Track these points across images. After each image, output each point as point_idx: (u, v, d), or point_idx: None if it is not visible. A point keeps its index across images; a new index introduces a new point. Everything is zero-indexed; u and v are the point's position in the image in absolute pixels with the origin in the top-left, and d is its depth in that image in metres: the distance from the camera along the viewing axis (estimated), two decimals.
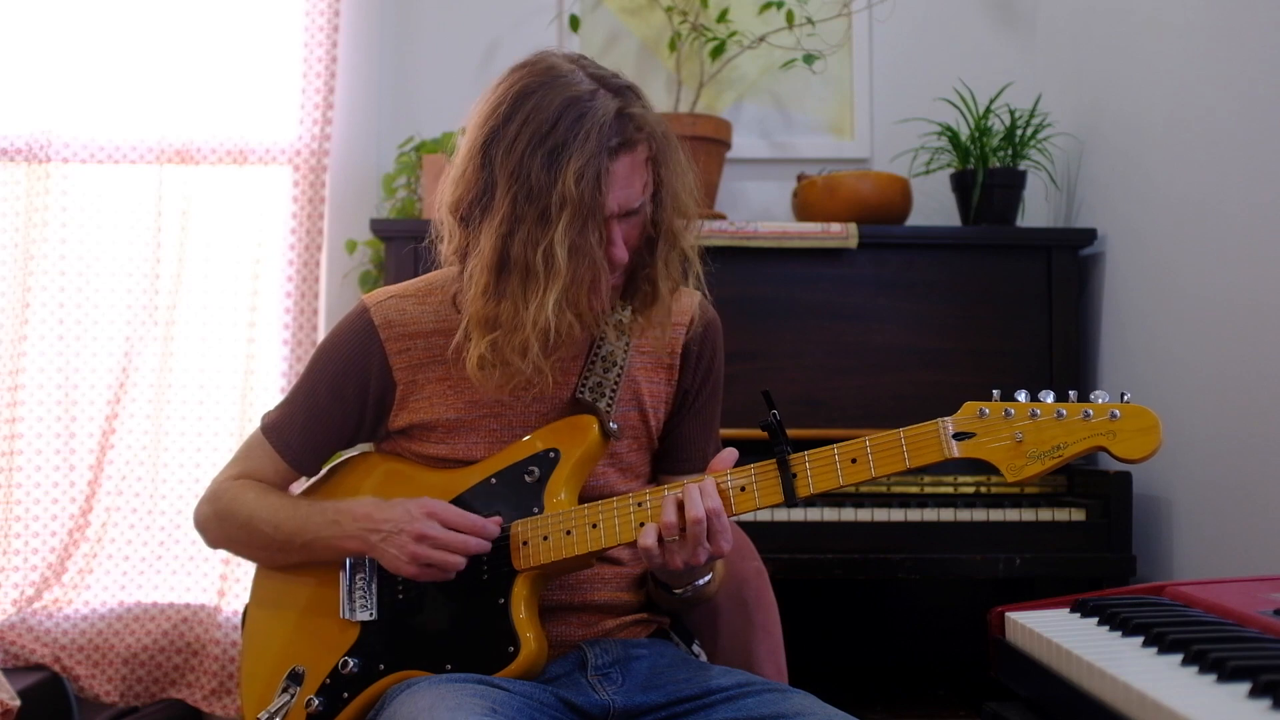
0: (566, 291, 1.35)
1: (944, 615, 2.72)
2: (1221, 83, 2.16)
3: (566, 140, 1.34)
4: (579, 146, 1.34)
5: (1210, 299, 2.17)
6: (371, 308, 1.53)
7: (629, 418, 1.54)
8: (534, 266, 1.35)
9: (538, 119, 1.36)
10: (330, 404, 1.54)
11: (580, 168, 1.33)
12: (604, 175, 1.35)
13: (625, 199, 1.39)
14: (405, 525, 1.41)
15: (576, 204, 1.34)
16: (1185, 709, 0.93)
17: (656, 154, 1.42)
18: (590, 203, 1.34)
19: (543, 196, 1.34)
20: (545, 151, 1.35)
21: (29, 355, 2.80)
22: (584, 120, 1.35)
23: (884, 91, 2.94)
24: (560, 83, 1.38)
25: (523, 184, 1.35)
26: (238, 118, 2.84)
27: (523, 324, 1.36)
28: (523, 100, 1.38)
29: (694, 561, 1.35)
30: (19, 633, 2.71)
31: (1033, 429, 1.29)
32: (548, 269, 1.35)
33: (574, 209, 1.34)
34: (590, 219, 1.35)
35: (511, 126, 1.37)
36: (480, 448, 1.50)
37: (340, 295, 2.81)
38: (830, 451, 1.36)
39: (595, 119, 1.35)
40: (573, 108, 1.36)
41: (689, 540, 1.34)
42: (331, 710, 1.47)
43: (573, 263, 1.35)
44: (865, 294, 2.55)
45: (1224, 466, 2.12)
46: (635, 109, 1.39)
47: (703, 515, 1.33)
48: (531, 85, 1.39)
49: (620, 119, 1.37)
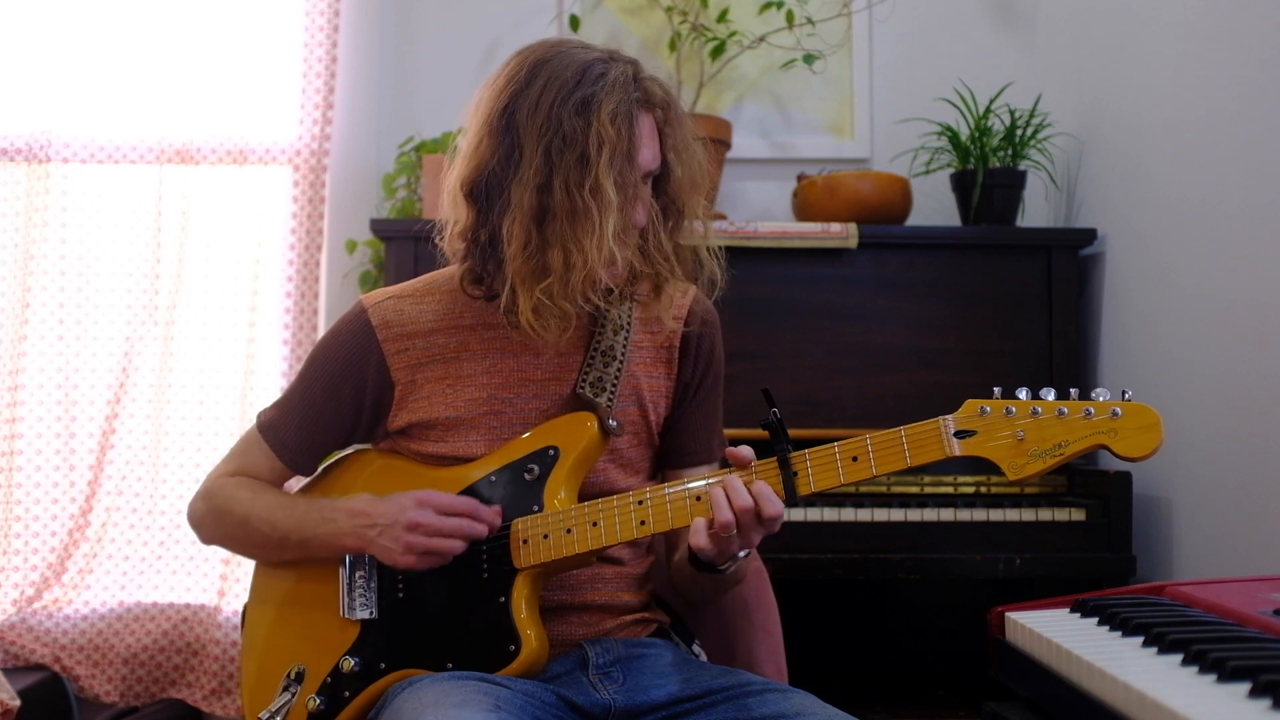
0: (621, 224, 1.37)
1: (944, 615, 2.72)
2: (1221, 83, 2.16)
3: (595, 91, 1.37)
4: (607, 95, 1.37)
5: (1210, 299, 2.18)
6: (369, 308, 1.53)
7: (629, 413, 1.54)
8: (582, 205, 1.36)
9: (562, 77, 1.38)
10: (327, 404, 1.54)
11: (613, 110, 1.37)
12: (636, 120, 1.38)
13: (645, 159, 1.41)
14: (398, 516, 1.42)
15: (614, 143, 1.36)
16: (1185, 709, 0.93)
17: (670, 120, 1.45)
18: (627, 143, 1.37)
19: (579, 142, 1.36)
20: (576, 102, 1.37)
21: (29, 355, 2.80)
22: (607, 75, 1.39)
23: (884, 91, 2.95)
24: (573, 51, 1.42)
25: (556, 133, 1.37)
26: (238, 118, 2.84)
27: (578, 264, 1.36)
28: (540, 66, 1.40)
29: (750, 544, 1.37)
30: (19, 633, 2.71)
31: (1034, 427, 1.29)
32: (599, 203, 1.36)
33: (612, 147, 1.36)
34: (627, 159, 1.38)
35: (534, 87, 1.39)
36: (480, 445, 1.50)
37: (340, 295, 2.81)
38: (831, 449, 1.36)
39: (617, 76, 1.39)
40: (594, 67, 1.39)
41: (742, 527, 1.34)
42: (333, 709, 1.47)
43: (621, 196, 1.37)
44: (865, 294, 2.55)
45: (1224, 466, 2.12)
46: (646, 77, 1.44)
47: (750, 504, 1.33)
48: (545, 54, 1.42)
49: (637, 81, 1.42)
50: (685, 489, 1.40)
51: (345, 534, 1.46)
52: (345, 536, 1.46)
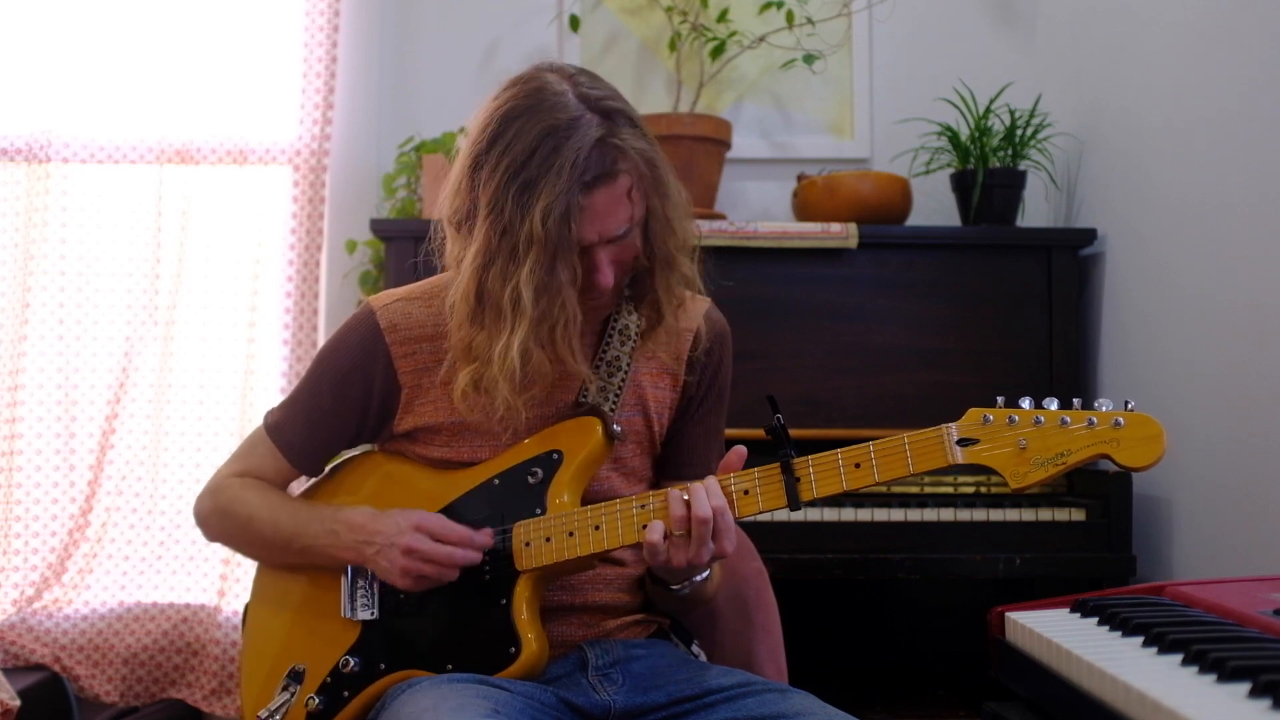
0: (534, 330, 1.36)
1: (944, 615, 2.72)
2: (1221, 83, 2.16)
3: (538, 176, 1.33)
4: (550, 183, 1.33)
5: (1210, 299, 2.18)
6: (378, 310, 1.52)
7: (633, 422, 1.54)
8: (503, 305, 1.36)
9: (515, 149, 1.35)
10: (333, 406, 1.54)
11: (548, 206, 1.33)
12: (574, 211, 1.34)
13: (606, 228, 1.38)
14: (395, 539, 1.42)
15: (543, 242, 1.34)
16: (1185, 709, 0.93)
17: (642, 182, 1.39)
18: (558, 240, 1.34)
19: (513, 233, 1.35)
20: (518, 186, 1.34)
21: (29, 355, 2.79)
22: (559, 153, 1.33)
23: (884, 91, 2.94)
24: (545, 107, 1.36)
25: (497, 217, 1.36)
26: (238, 118, 2.84)
27: (493, 359, 1.38)
28: (507, 124, 1.37)
29: (697, 560, 1.35)
30: (19, 633, 2.71)
31: (1036, 436, 1.29)
32: (515, 311, 1.36)
33: (540, 247, 1.34)
34: (560, 256, 1.35)
35: (493, 153, 1.37)
36: (485, 450, 1.50)
37: (340, 295, 2.81)
38: (834, 456, 1.36)
39: (570, 152, 1.34)
40: (550, 138, 1.34)
41: (694, 539, 1.34)
42: (332, 709, 1.47)
43: (540, 302, 1.35)
44: (865, 294, 2.55)
45: (1224, 466, 2.12)
46: (621, 137, 1.37)
47: (709, 515, 1.34)
48: (518, 109, 1.37)
49: (601, 148, 1.35)
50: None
51: (345, 547, 1.46)
52: (344, 550, 1.47)
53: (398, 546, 1.41)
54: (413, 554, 1.41)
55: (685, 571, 1.42)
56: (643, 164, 1.39)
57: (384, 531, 1.43)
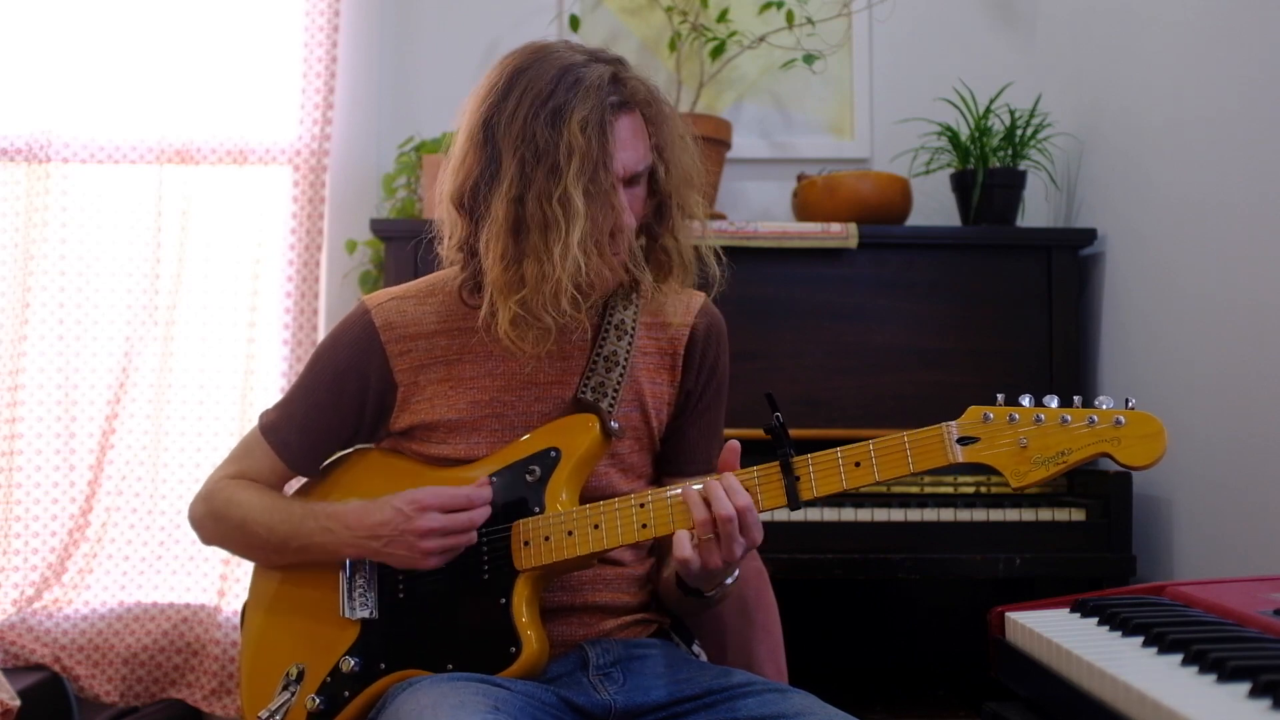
0: (589, 233, 1.37)
1: (944, 615, 2.72)
2: (1221, 83, 2.16)
3: (568, 100, 1.38)
4: (580, 102, 1.37)
5: (1210, 299, 2.18)
6: (373, 309, 1.53)
7: (631, 418, 1.54)
8: (552, 216, 1.36)
9: (536, 87, 1.39)
10: (329, 405, 1.54)
11: (584, 118, 1.37)
12: (608, 126, 1.38)
13: (629, 161, 1.41)
14: (404, 526, 1.41)
15: (584, 151, 1.36)
16: (1185, 709, 0.93)
17: (655, 118, 1.45)
18: (598, 150, 1.37)
19: (550, 153, 1.37)
20: (548, 112, 1.37)
21: (29, 355, 2.79)
22: (582, 81, 1.39)
23: (884, 91, 2.94)
24: (552, 56, 1.42)
25: (529, 146, 1.37)
26: (238, 118, 2.84)
27: (549, 274, 1.37)
28: (518, 75, 1.41)
29: (731, 558, 1.34)
30: (19, 633, 2.71)
31: (1037, 435, 1.29)
32: (566, 213, 1.36)
33: (582, 156, 1.36)
34: (600, 166, 1.37)
35: (510, 98, 1.40)
36: (482, 447, 1.50)
37: (340, 295, 2.81)
38: (834, 455, 1.36)
39: (592, 80, 1.39)
40: (569, 73, 1.39)
41: (723, 538, 1.33)
42: (332, 709, 1.47)
43: (589, 205, 1.37)
44: (865, 294, 2.55)
45: (1224, 466, 2.12)
46: (628, 75, 1.44)
47: (733, 514, 1.33)
48: (524, 63, 1.42)
49: (616, 82, 1.41)
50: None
51: (346, 544, 1.46)
52: (345, 547, 1.46)
53: (411, 532, 1.41)
54: (432, 534, 1.40)
55: (718, 573, 1.40)
56: (655, 100, 1.45)
57: (387, 522, 1.42)
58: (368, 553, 1.45)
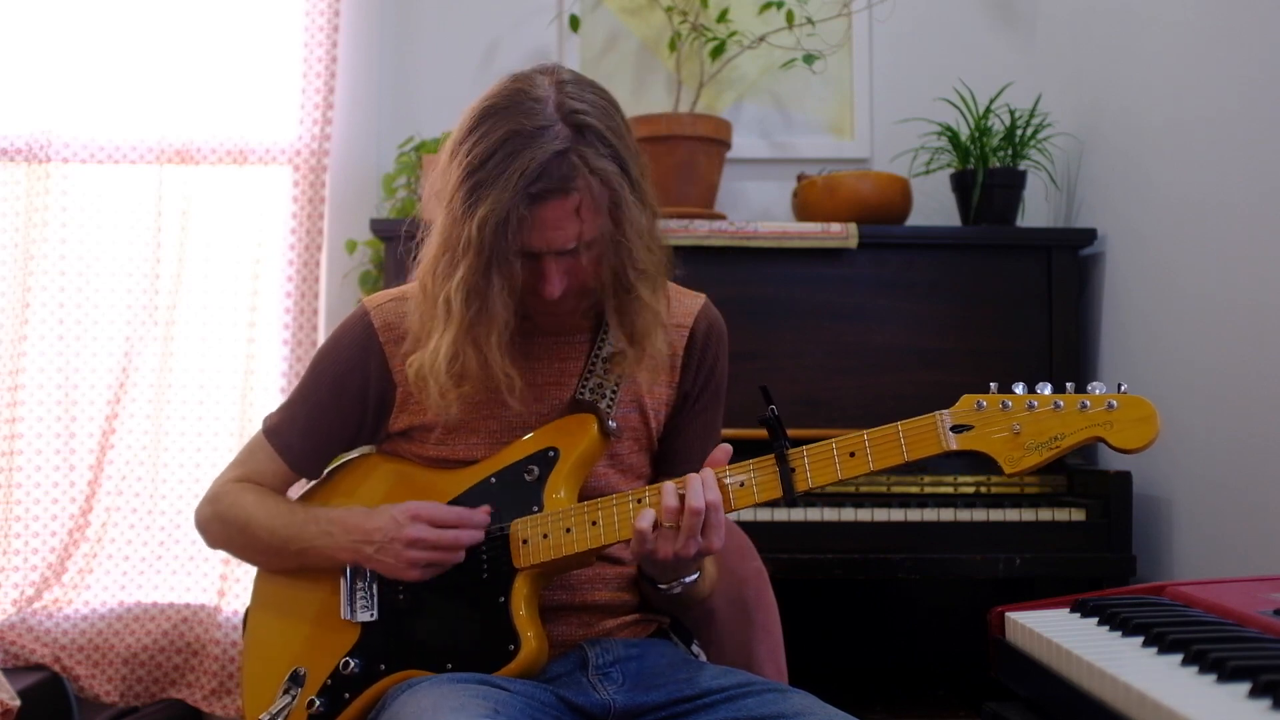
0: (464, 333, 1.39)
1: (944, 615, 2.72)
2: (1222, 82, 2.16)
3: (487, 180, 1.34)
4: (497, 190, 1.33)
5: (1210, 299, 2.18)
6: (371, 310, 1.53)
7: (629, 419, 1.54)
8: (438, 306, 1.39)
9: (478, 149, 1.36)
10: (331, 406, 1.54)
11: (486, 214, 1.33)
12: (514, 221, 1.34)
13: (552, 241, 1.37)
14: (395, 533, 1.42)
15: (479, 248, 1.35)
16: (1185, 709, 0.93)
17: (596, 203, 1.36)
18: (493, 248, 1.35)
19: (456, 234, 1.37)
20: (469, 187, 1.36)
21: (29, 355, 2.79)
22: (515, 159, 1.33)
23: (884, 91, 2.94)
24: (518, 110, 1.36)
25: (449, 213, 1.38)
26: (238, 118, 2.84)
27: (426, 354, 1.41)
28: (481, 120, 1.38)
29: (684, 553, 1.34)
30: (19, 633, 2.71)
31: (1030, 420, 1.29)
32: (447, 312, 1.39)
33: (475, 253, 1.36)
34: (495, 263, 1.36)
35: (463, 147, 1.38)
36: (480, 448, 1.50)
37: (340, 295, 2.81)
38: (828, 445, 1.36)
39: (524, 160, 1.33)
40: (510, 143, 1.34)
41: (683, 530, 1.34)
42: (333, 711, 1.47)
43: (470, 307, 1.38)
44: (865, 294, 2.55)
45: (1224, 466, 2.12)
46: (584, 154, 1.34)
47: (702, 507, 1.33)
48: (495, 107, 1.38)
49: (559, 162, 1.33)
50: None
51: (342, 548, 1.47)
52: (341, 551, 1.47)
53: (400, 540, 1.41)
54: (417, 544, 1.41)
55: (672, 567, 1.41)
56: (598, 185, 1.36)
57: (381, 529, 1.43)
58: (361, 558, 1.46)
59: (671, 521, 1.35)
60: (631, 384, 1.53)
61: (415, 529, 1.42)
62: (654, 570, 1.45)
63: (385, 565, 1.44)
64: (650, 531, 1.35)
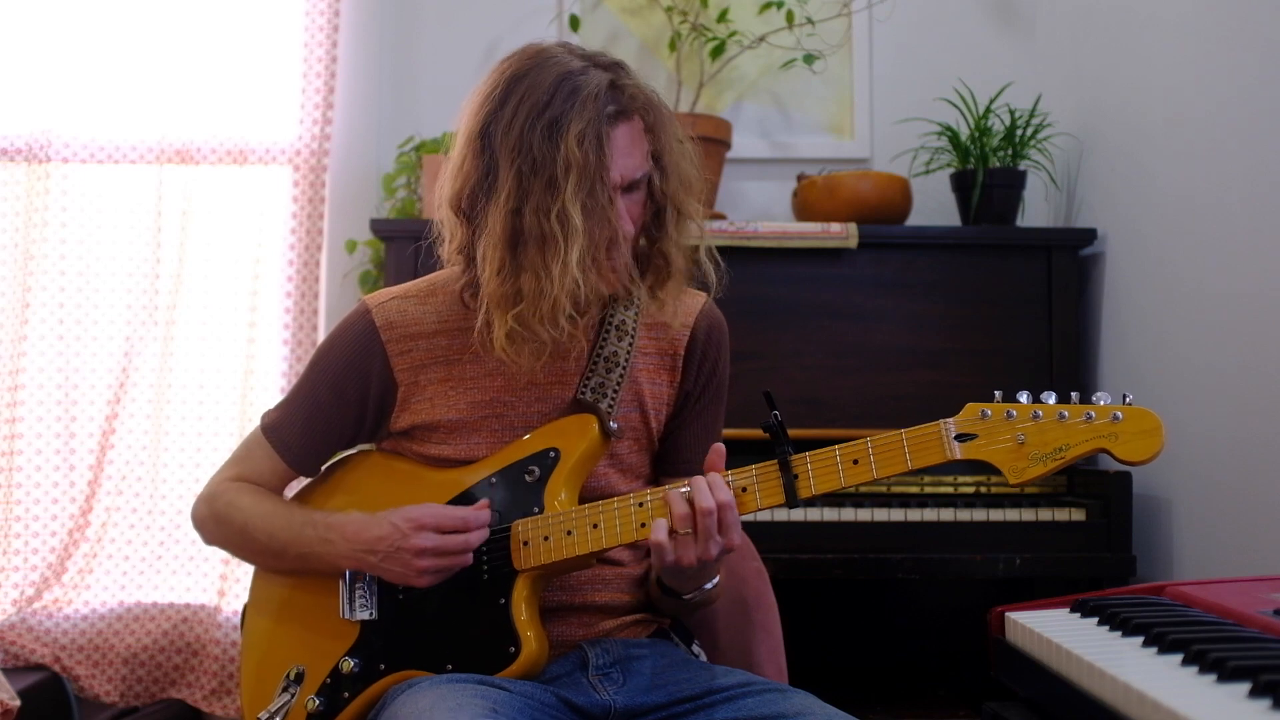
0: (587, 250, 1.37)
1: (944, 615, 2.72)
2: (1221, 81, 2.16)
3: (564, 111, 1.37)
4: (577, 114, 1.37)
5: (1211, 299, 2.17)
6: (373, 309, 1.53)
7: (630, 419, 1.54)
8: (550, 232, 1.36)
9: (533, 96, 1.38)
10: (331, 405, 1.54)
11: (580, 131, 1.36)
12: (605, 139, 1.37)
13: (627, 168, 1.41)
14: (400, 543, 1.41)
15: (581, 167, 1.36)
16: (1185, 709, 0.93)
17: (653, 124, 1.44)
18: (595, 164, 1.37)
19: (547, 166, 1.36)
20: (544, 124, 1.37)
21: (29, 355, 2.79)
22: (579, 92, 1.38)
23: (884, 91, 2.94)
24: (550, 62, 1.41)
25: (525, 157, 1.37)
26: (238, 118, 2.84)
27: (547, 291, 1.37)
28: (516, 82, 1.40)
29: (706, 556, 1.35)
30: (19, 633, 2.71)
31: (1035, 431, 1.29)
32: (565, 230, 1.36)
33: (579, 172, 1.36)
34: (597, 181, 1.37)
35: (508, 107, 1.39)
36: (482, 448, 1.50)
37: (340, 295, 2.81)
38: (832, 453, 1.36)
39: (589, 90, 1.38)
40: (566, 82, 1.38)
41: (700, 532, 1.34)
42: (332, 710, 1.47)
43: (588, 222, 1.37)
44: (865, 294, 2.55)
45: (1224, 466, 2.12)
46: (626, 81, 1.42)
47: (713, 506, 1.33)
48: (522, 69, 1.41)
49: (614, 90, 1.41)
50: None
51: (343, 556, 1.46)
52: (343, 559, 1.46)
53: (407, 550, 1.41)
54: (426, 554, 1.40)
55: (696, 573, 1.41)
56: (653, 106, 1.44)
57: (384, 538, 1.42)
58: (364, 566, 1.45)
59: (685, 528, 1.34)
60: (633, 383, 1.53)
61: (422, 538, 1.40)
62: (677, 580, 1.44)
63: (393, 574, 1.43)
64: (668, 542, 1.35)
